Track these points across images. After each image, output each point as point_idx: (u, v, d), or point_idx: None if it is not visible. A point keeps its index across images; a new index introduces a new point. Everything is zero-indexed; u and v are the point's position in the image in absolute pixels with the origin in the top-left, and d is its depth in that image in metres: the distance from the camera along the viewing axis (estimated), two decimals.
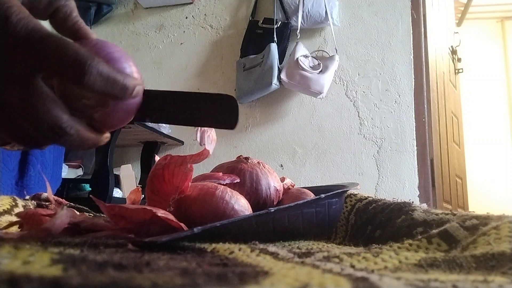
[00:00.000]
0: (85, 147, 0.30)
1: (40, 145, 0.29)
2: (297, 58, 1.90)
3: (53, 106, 0.27)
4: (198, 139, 0.43)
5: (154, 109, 0.33)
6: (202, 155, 0.40)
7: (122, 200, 1.82)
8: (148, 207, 0.34)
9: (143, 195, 0.47)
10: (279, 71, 1.92)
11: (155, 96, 0.32)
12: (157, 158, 0.45)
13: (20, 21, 0.26)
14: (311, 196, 0.47)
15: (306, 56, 1.93)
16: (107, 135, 0.32)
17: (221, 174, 0.44)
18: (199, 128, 0.44)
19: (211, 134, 0.44)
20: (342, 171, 1.98)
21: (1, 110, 0.27)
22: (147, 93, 0.32)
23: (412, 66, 1.98)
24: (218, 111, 0.32)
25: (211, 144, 0.43)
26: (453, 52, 2.89)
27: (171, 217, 0.35)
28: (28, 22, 0.26)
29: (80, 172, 2.06)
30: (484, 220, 0.31)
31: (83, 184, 1.98)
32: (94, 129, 0.30)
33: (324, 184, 0.60)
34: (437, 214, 0.39)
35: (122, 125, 0.32)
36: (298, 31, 2.00)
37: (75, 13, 0.32)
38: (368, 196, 0.54)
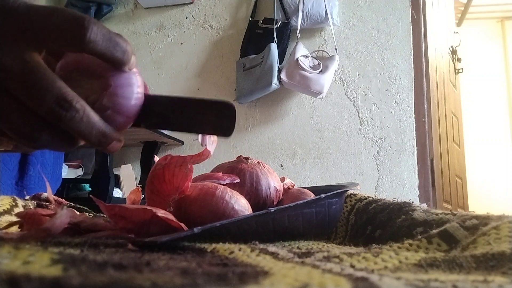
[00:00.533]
0: (94, 136, 0.28)
1: (37, 136, 0.28)
2: (297, 58, 1.90)
3: (57, 79, 0.27)
4: (200, 140, 0.43)
5: (149, 115, 0.32)
6: (202, 156, 0.40)
7: (122, 200, 1.82)
8: (148, 207, 0.34)
9: (143, 195, 0.47)
10: (279, 71, 1.92)
11: (150, 101, 0.32)
12: (156, 158, 0.45)
13: (17, 0, 0.27)
14: (311, 196, 0.47)
15: (306, 56, 1.93)
16: (120, 136, 0.30)
17: (221, 174, 0.44)
18: None
19: (212, 135, 0.44)
20: (342, 171, 1.98)
21: (1, 93, 0.27)
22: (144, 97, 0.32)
23: (412, 66, 1.98)
24: (215, 117, 0.32)
25: (212, 145, 0.43)
26: (453, 52, 2.89)
27: (171, 217, 0.35)
28: (26, 1, 0.27)
29: (80, 172, 2.06)
30: (484, 220, 0.31)
31: (83, 184, 1.98)
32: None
33: (324, 184, 0.60)
34: (437, 214, 0.39)
35: (132, 107, 0.30)
36: (298, 31, 2.00)
37: None
38: (368, 196, 0.54)
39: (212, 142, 0.43)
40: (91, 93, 0.29)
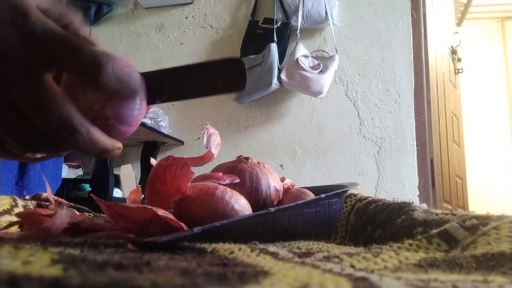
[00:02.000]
0: (95, 152, 0.29)
1: (41, 147, 0.29)
2: (297, 58, 1.90)
3: (65, 103, 0.28)
4: (205, 142, 0.43)
5: (163, 90, 0.33)
6: (205, 159, 0.41)
7: (122, 200, 1.82)
8: (149, 206, 0.34)
9: (143, 195, 0.47)
10: (279, 71, 1.92)
11: (161, 76, 0.32)
12: (153, 161, 0.45)
13: (38, 20, 0.27)
14: (311, 196, 0.47)
15: (306, 56, 1.93)
16: (119, 144, 0.31)
17: (221, 174, 0.44)
18: (206, 131, 0.44)
19: (216, 138, 0.44)
20: (342, 171, 1.98)
21: (9, 106, 0.27)
22: (152, 75, 0.32)
23: (412, 66, 1.98)
24: (226, 76, 0.32)
25: (216, 148, 0.43)
26: (453, 52, 2.89)
27: (171, 216, 0.35)
28: (45, 21, 0.27)
29: (80, 172, 2.06)
30: (484, 220, 0.31)
31: (83, 184, 1.98)
32: (108, 134, 0.30)
33: (324, 184, 0.60)
34: (437, 214, 0.39)
35: (135, 116, 0.31)
36: (298, 31, 2.00)
37: (83, 28, 0.32)
38: (368, 196, 0.54)
39: (216, 145, 0.43)
40: (96, 103, 0.30)
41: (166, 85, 0.32)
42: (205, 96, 0.33)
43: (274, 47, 1.96)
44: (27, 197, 0.59)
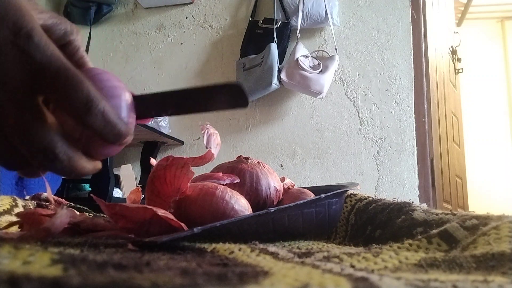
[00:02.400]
0: (73, 176, 0.29)
1: (20, 167, 0.29)
2: (297, 58, 1.90)
3: (49, 131, 0.27)
4: (205, 142, 0.43)
5: (165, 107, 0.33)
6: (205, 159, 0.41)
7: (122, 200, 1.82)
8: (149, 206, 0.34)
9: (143, 195, 0.47)
10: (279, 71, 1.92)
11: (156, 98, 0.33)
12: (153, 161, 0.45)
13: (40, 43, 0.26)
14: (311, 196, 0.47)
15: (306, 56, 1.93)
16: (98, 165, 0.32)
17: (221, 174, 0.44)
18: (206, 131, 0.44)
19: (216, 138, 0.44)
20: (342, 171, 1.98)
21: None
22: (148, 97, 0.33)
23: (412, 66, 1.98)
24: (228, 96, 0.33)
25: (216, 148, 0.43)
26: (453, 52, 2.89)
27: (171, 216, 0.35)
28: (48, 46, 0.26)
29: None
30: (484, 220, 0.31)
31: (83, 184, 1.98)
32: (89, 156, 0.30)
33: (324, 184, 0.60)
34: (437, 214, 0.39)
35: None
36: (298, 31, 2.00)
37: (82, 47, 0.33)
38: (368, 196, 0.54)
39: (216, 145, 0.43)
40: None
41: (167, 103, 0.33)
42: (208, 112, 0.34)
43: (274, 47, 1.96)
44: (27, 197, 0.59)
